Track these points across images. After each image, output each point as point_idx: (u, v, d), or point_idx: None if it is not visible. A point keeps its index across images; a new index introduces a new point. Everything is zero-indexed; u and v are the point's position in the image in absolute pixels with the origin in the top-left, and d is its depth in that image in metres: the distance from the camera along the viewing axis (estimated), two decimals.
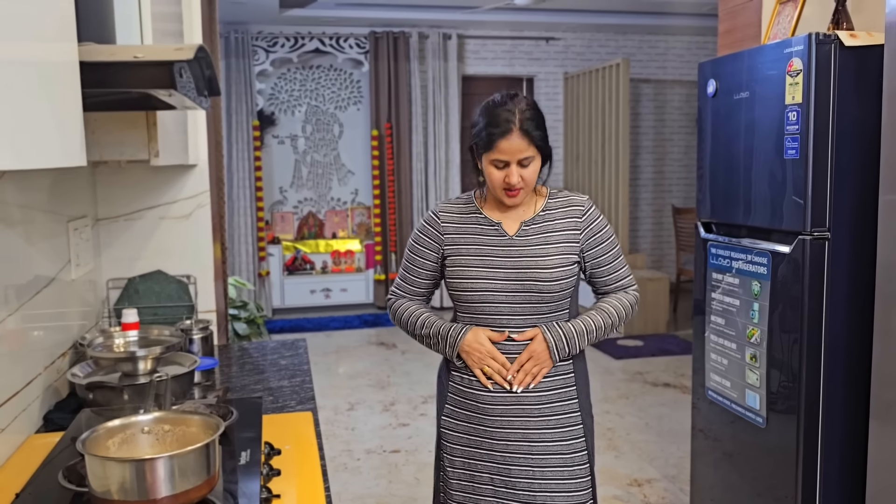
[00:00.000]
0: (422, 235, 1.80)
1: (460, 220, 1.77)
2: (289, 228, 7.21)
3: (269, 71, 6.91)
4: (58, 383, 1.88)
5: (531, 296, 1.68)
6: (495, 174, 1.66)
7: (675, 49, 7.57)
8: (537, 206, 1.76)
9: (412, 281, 1.84)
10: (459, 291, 1.72)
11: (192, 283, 2.42)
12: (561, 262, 1.70)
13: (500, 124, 1.62)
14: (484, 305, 1.70)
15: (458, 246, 1.74)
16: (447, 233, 1.76)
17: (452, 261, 1.73)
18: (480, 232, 1.74)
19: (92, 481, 1.00)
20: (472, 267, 1.71)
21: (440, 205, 1.82)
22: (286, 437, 1.55)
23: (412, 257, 1.82)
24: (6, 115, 0.73)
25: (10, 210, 1.62)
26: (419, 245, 1.81)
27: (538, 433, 1.73)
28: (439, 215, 1.78)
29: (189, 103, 1.41)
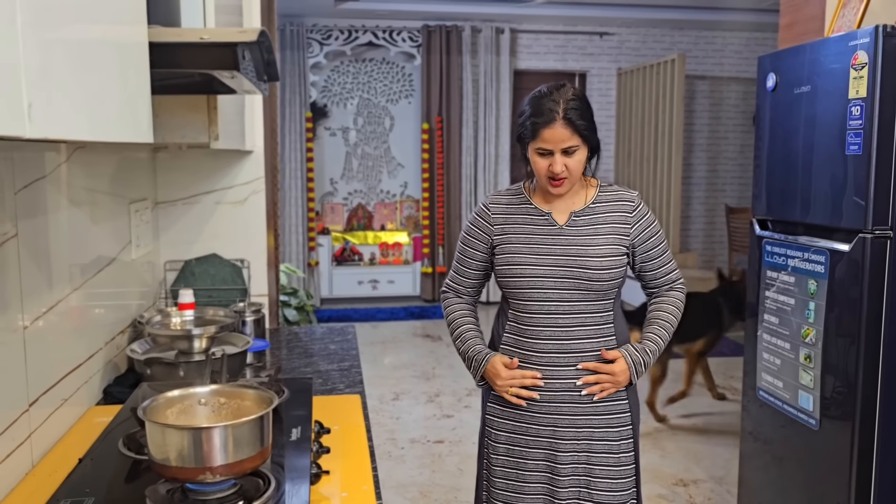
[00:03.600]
0: (473, 227, 1.82)
1: (510, 211, 1.78)
2: (338, 219, 7.29)
3: (323, 63, 7.00)
4: (117, 359, 1.94)
5: (580, 283, 1.69)
6: (540, 163, 1.68)
7: (732, 45, 7.41)
8: (588, 198, 1.76)
9: (464, 273, 1.85)
10: (508, 278, 1.73)
11: (245, 268, 2.47)
12: (611, 253, 1.70)
13: (544, 113, 1.64)
14: (532, 292, 1.71)
15: (507, 235, 1.75)
16: (497, 223, 1.77)
17: (502, 248, 1.74)
18: (530, 221, 1.75)
19: (151, 448, 1.04)
20: (521, 254, 1.72)
21: (489, 196, 1.83)
22: (335, 418, 1.58)
23: (464, 249, 1.84)
24: (88, 91, 0.76)
25: (78, 192, 1.68)
26: (470, 237, 1.82)
27: (586, 419, 1.73)
28: (489, 206, 1.80)
29: (249, 86, 1.44)
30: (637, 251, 1.77)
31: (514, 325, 1.76)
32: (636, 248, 1.76)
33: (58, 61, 0.68)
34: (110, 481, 1.16)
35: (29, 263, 1.38)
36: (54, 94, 0.66)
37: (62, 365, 1.56)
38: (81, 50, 0.76)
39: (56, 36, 0.68)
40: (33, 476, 1.32)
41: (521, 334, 1.75)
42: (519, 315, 1.74)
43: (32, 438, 1.37)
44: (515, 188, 1.84)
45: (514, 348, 1.76)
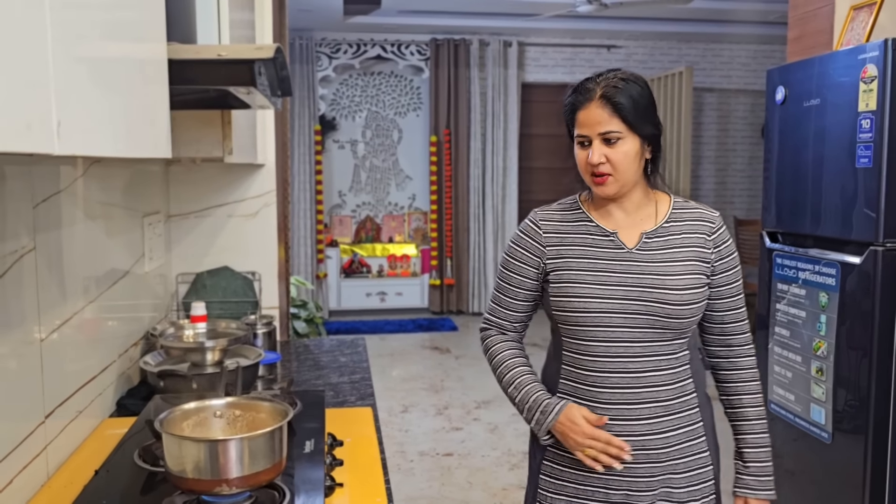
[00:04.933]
0: (518, 248, 1.49)
1: (565, 229, 1.46)
2: (347, 232, 7.32)
3: (332, 77, 7.04)
4: (130, 371, 1.95)
5: (655, 320, 1.36)
6: (579, 154, 1.42)
7: (739, 58, 7.43)
8: (660, 215, 1.45)
9: (508, 304, 1.51)
10: (566, 312, 1.40)
11: (256, 280, 2.49)
12: (692, 283, 1.38)
13: (582, 92, 1.40)
14: (597, 330, 1.38)
15: (564, 259, 1.43)
16: (550, 244, 1.45)
17: (558, 276, 1.42)
18: (592, 243, 1.43)
19: (168, 460, 1.04)
20: (583, 283, 1.39)
21: (539, 211, 1.51)
22: (347, 431, 1.58)
23: (507, 275, 1.50)
24: (111, 108, 0.78)
25: (93, 205, 1.70)
26: (515, 260, 1.49)
27: (664, 479, 1.41)
28: (539, 224, 1.48)
29: (263, 101, 1.46)
30: (712, 284, 1.44)
31: (571, 370, 1.43)
32: (711, 278, 1.44)
33: (84, 79, 0.69)
34: (126, 493, 1.16)
35: (46, 276, 1.40)
36: (81, 111, 0.67)
37: (77, 377, 1.57)
38: (105, 67, 0.77)
39: (82, 54, 0.69)
40: (49, 488, 1.33)
41: (580, 381, 1.41)
42: (578, 357, 1.41)
43: (48, 450, 1.38)
44: (570, 201, 1.52)
45: (573, 397, 1.42)
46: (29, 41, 0.57)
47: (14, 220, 1.27)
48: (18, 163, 1.30)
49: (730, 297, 1.45)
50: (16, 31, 0.55)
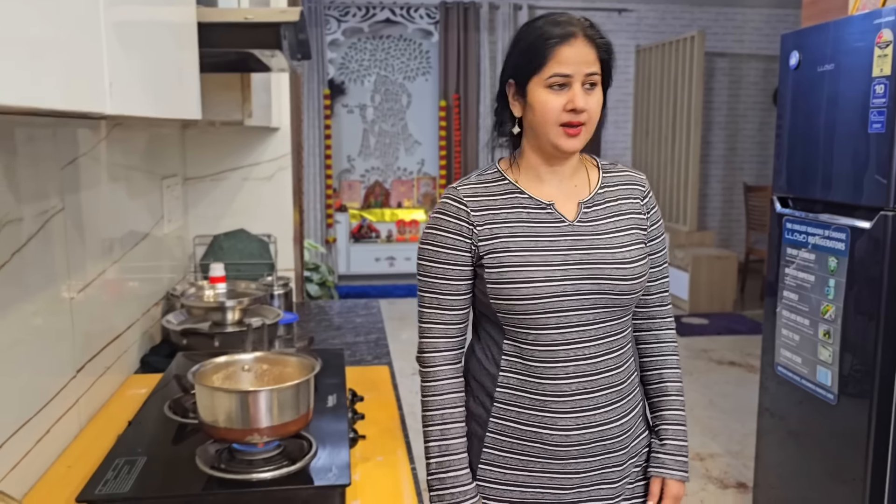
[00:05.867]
0: (444, 234, 1.23)
1: (494, 203, 1.24)
2: (356, 196, 7.34)
3: (341, 40, 7.00)
4: (152, 330, 2.00)
5: (608, 299, 1.22)
6: (552, 101, 1.18)
7: (752, 22, 7.34)
8: (592, 181, 1.30)
9: (450, 306, 1.24)
10: (510, 301, 1.20)
11: (272, 243, 2.52)
12: (639, 255, 1.26)
13: (560, 27, 1.19)
14: (548, 317, 1.20)
15: (499, 239, 1.22)
16: (480, 223, 1.22)
17: (495, 259, 1.21)
18: (528, 217, 1.24)
19: (201, 411, 1.09)
20: (527, 266, 1.19)
21: (458, 187, 1.26)
22: (366, 388, 1.63)
23: (440, 270, 1.23)
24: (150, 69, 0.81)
25: (115, 168, 1.73)
26: (445, 249, 1.22)
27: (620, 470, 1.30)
28: (463, 200, 1.24)
29: (285, 65, 1.48)
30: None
31: (516, 363, 1.24)
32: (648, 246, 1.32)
33: (129, 41, 0.72)
34: (159, 442, 1.22)
35: (74, 236, 1.44)
36: (126, 73, 0.70)
37: (104, 335, 1.62)
38: (145, 30, 0.80)
39: (126, 17, 0.72)
40: (81, 438, 1.39)
41: (530, 374, 1.23)
42: (525, 348, 1.22)
43: (80, 403, 1.43)
44: (491, 171, 1.30)
45: (520, 393, 1.24)
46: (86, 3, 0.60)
47: (44, 181, 1.30)
48: (45, 125, 1.33)
49: (657, 266, 1.34)
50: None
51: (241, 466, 1.08)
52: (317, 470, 1.09)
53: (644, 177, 1.36)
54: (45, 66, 0.53)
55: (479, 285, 1.24)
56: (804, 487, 2.42)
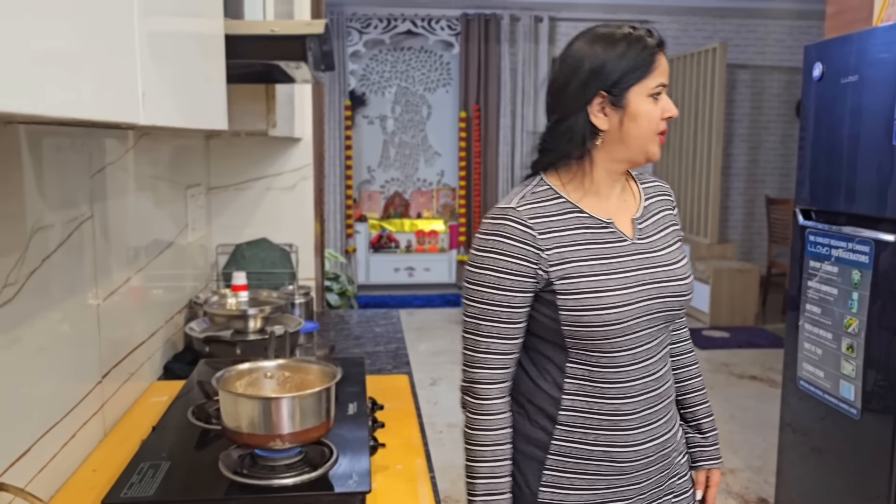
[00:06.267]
0: (505, 259, 1.16)
1: (558, 225, 1.18)
2: (375, 207, 7.38)
3: (362, 52, 7.06)
4: (175, 337, 2.03)
5: (669, 315, 1.23)
6: (655, 110, 1.18)
7: (775, 33, 7.31)
8: (635, 195, 1.30)
9: (508, 336, 1.18)
10: (587, 328, 1.16)
11: (293, 252, 2.55)
12: (689, 267, 1.28)
13: (651, 36, 1.19)
14: (623, 340, 1.18)
15: (571, 263, 1.17)
16: (548, 247, 1.16)
17: (570, 285, 1.16)
18: (593, 238, 1.19)
19: (224, 416, 1.11)
20: (604, 291, 1.16)
21: (519, 207, 1.18)
22: (385, 396, 1.64)
23: (499, 298, 1.16)
24: (180, 80, 0.83)
25: (142, 177, 1.76)
26: (507, 275, 1.15)
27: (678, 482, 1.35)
28: (528, 223, 1.16)
29: (309, 76, 1.50)
30: None
31: (586, 385, 1.20)
32: None
33: (160, 53, 0.74)
34: (183, 447, 1.23)
35: (102, 244, 1.46)
36: (158, 84, 0.72)
37: (128, 342, 1.64)
38: (175, 41, 0.82)
39: (159, 28, 0.74)
40: (106, 443, 1.41)
41: (599, 396, 1.20)
42: (595, 371, 1.20)
43: (105, 408, 1.45)
44: (543, 188, 1.22)
45: (590, 415, 1.21)
46: (120, 16, 0.61)
47: (74, 189, 1.33)
48: (74, 135, 1.36)
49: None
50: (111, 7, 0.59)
51: (263, 472, 1.10)
52: (337, 477, 1.10)
53: (668, 186, 1.37)
54: (80, 77, 0.54)
55: (542, 311, 1.19)
56: (828, 503, 2.39)
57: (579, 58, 1.18)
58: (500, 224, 1.16)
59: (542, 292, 1.17)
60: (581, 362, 1.20)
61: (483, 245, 1.17)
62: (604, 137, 1.19)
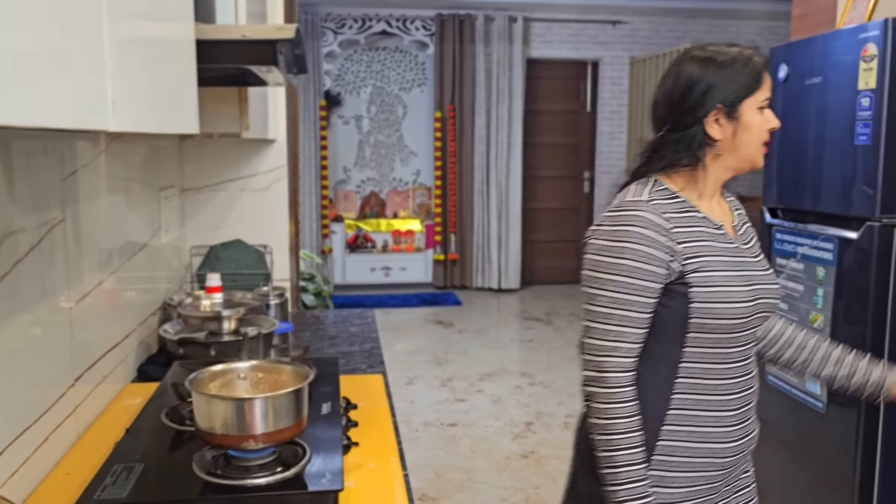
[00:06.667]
0: (644, 250, 1.21)
1: (685, 223, 1.26)
2: (351, 207, 7.37)
3: (337, 52, 7.05)
4: (149, 339, 2.03)
5: (766, 318, 1.34)
6: (762, 122, 1.28)
7: (745, 34, 7.41)
8: (727, 207, 1.39)
9: (636, 324, 1.23)
10: (716, 320, 1.24)
11: (268, 253, 2.55)
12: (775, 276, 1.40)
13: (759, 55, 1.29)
14: (740, 335, 1.27)
15: (702, 258, 1.25)
16: (681, 241, 1.24)
17: (703, 278, 1.23)
18: (712, 238, 1.28)
19: (198, 418, 1.11)
20: (731, 286, 1.25)
21: (653, 203, 1.25)
22: (359, 396, 1.65)
23: (635, 288, 1.21)
24: (151, 86, 0.83)
25: (114, 180, 1.76)
26: (644, 264, 1.21)
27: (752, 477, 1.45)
28: (664, 217, 1.24)
29: (281, 79, 1.51)
30: None
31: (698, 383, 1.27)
32: None
33: (130, 59, 0.74)
34: (156, 449, 1.24)
35: (74, 247, 1.46)
36: (128, 90, 0.73)
37: (101, 344, 1.64)
38: (146, 47, 0.83)
39: (129, 35, 0.75)
40: (80, 446, 1.41)
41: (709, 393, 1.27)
42: (710, 367, 1.27)
43: (78, 411, 1.45)
44: (661, 188, 1.29)
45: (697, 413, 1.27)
46: (90, 23, 0.62)
47: (46, 192, 1.33)
48: (45, 138, 1.36)
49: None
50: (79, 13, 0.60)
51: (237, 472, 1.11)
52: (311, 476, 1.11)
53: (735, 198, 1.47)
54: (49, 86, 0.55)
55: (668, 304, 1.24)
56: (795, 495, 2.45)
57: (695, 75, 1.28)
58: (635, 216, 1.23)
59: (670, 285, 1.24)
60: (695, 360, 1.26)
61: (618, 236, 1.23)
62: (717, 147, 1.28)
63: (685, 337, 1.25)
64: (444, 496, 3.12)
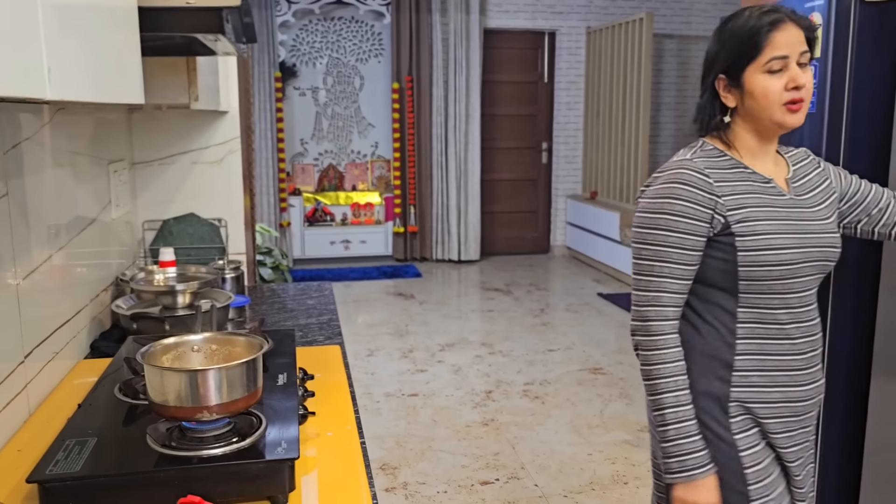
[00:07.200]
0: (687, 204, 1.29)
1: (729, 177, 1.33)
2: (309, 180, 7.31)
3: (291, 22, 6.93)
4: (101, 315, 2.00)
5: (824, 266, 1.37)
6: (773, 85, 1.29)
7: (699, 4, 7.48)
8: (785, 162, 1.44)
9: (681, 276, 1.31)
10: (764, 268, 1.30)
11: (223, 227, 2.52)
12: (837, 225, 1.45)
13: (767, 16, 1.29)
14: (793, 282, 1.33)
15: (746, 209, 1.31)
16: (724, 193, 1.30)
17: (747, 228, 1.30)
18: (758, 190, 1.34)
19: (150, 391, 1.11)
20: (776, 234, 1.30)
21: (696, 159, 1.33)
22: (316, 367, 1.66)
23: (678, 239, 1.29)
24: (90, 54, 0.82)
25: (60, 153, 1.72)
26: (686, 218, 1.28)
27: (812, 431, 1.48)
28: (706, 172, 1.31)
29: (229, 48, 1.49)
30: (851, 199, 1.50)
31: (759, 328, 1.34)
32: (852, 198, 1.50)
33: (67, 26, 0.73)
34: (110, 423, 1.23)
35: (19, 222, 1.43)
36: (65, 57, 0.72)
37: (52, 320, 1.61)
38: (83, 14, 0.81)
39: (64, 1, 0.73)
40: (31, 423, 1.39)
41: (771, 338, 1.35)
42: (767, 314, 1.34)
43: (29, 388, 1.43)
44: (708, 148, 1.37)
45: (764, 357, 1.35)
46: None
47: None
48: None
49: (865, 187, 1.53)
50: None
51: (192, 444, 1.11)
52: (266, 445, 1.12)
53: (805, 150, 1.53)
54: None
55: (716, 255, 1.32)
56: None
57: (710, 44, 1.37)
58: (677, 173, 1.31)
59: (717, 237, 1.31)
60: (752, 305, 1.33)
61: (660, 192, 1.31)
62: (736, 112, 1.36)
63: (738, 285, 1.32)
64: (405, 465, 3.15)
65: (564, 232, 7.65)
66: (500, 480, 3.03)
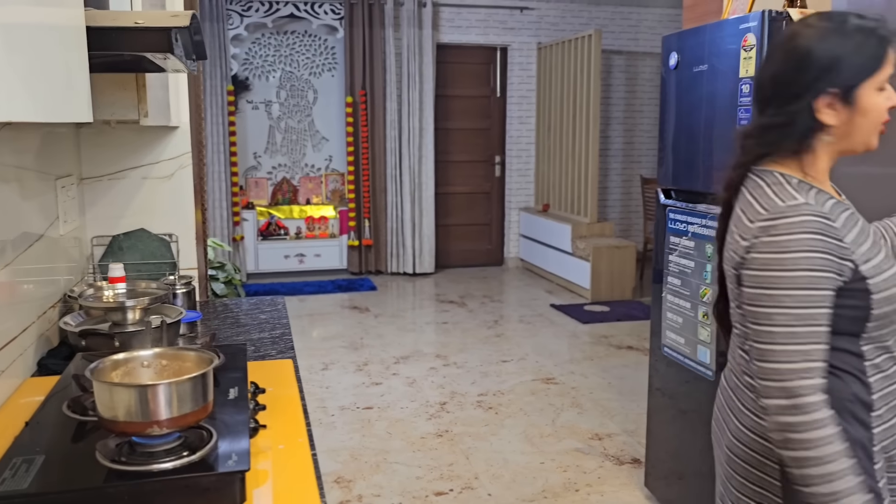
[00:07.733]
0: (824, 257, 1.14)
1: (834, 212, 1.20)
2: (263, 194, 7.26)
3: (244, 35, 6.90)
4: (49, 333, 1.97)
5: None
6: (882, 104, 1.19)
7: (646, 21, 7.68)
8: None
9: (824, 337, 1.14)
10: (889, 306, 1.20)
11: (174, 242, 2.51)
12: None
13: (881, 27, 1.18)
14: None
15: (863, 245, 1.20)
16: (845, 234, 1.17)
17: (876, 269, 1.18)
18: (858, 224, 1.22)
19: (100, 407, 1.11)
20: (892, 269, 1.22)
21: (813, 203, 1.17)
22: (268, 381, 1.67)
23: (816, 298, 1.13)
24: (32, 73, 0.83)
25: (5, 169, 1.70)
26: (825, 273, 1.13)
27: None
28: (830, 218, 1.16)
29: (179, 66, 1.50)
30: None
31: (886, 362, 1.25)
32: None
33: (12, 45, 0.74)
34: (58, 441, 1.23)
35: None
36: (10, 77, 0.73)
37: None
38: (30, 33, 0.82)
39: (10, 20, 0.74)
40: None
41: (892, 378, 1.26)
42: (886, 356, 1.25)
43: None
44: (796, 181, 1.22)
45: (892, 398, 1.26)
46: None
47: None
48: None
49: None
50: None
51: (142, 459, 1.11)
52: (217, 458, 1.13)
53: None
54: None
55: (845, 303, 1.16)
56: (692, 460, 2.61)
57: (807, 51, 1.17)
58: (801, 221, 1.14)
59: (848, 284, 1.16)
60: (875, 343, 1.22)
61: (785, 246, 1.14)
62: (829, 132, 1.20)
63: (865, 327, 1.20)
64: (360, 477, 3.16)
65: (518, 244, 7.75)
66: (454, 491, 3.05)
